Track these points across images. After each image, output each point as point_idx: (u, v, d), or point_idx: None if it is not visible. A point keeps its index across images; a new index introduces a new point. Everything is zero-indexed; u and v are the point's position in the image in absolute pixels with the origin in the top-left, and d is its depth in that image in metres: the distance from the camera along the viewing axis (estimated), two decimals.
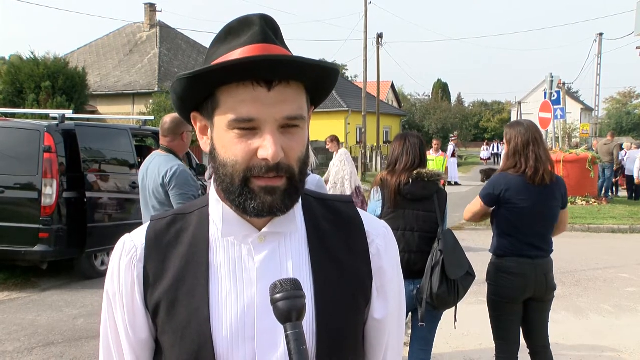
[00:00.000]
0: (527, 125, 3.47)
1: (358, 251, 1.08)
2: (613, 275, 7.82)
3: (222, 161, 0.98)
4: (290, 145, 0.96)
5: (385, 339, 1.13)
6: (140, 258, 1.04)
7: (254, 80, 0.93)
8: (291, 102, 0.96)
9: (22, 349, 5.01)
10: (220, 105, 0.96)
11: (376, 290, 1.09)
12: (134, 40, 30.38)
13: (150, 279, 1.03)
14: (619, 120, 64.99)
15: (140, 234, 1.07)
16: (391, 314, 1.12)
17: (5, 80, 18.63)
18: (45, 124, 7.21)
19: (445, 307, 3.32)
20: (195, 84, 0.96)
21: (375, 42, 29.93)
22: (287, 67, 0.94)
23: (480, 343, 4.92)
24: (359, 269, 1.07)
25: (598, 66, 27.69)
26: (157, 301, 1.01)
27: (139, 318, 1.04)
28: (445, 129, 40.38)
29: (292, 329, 0.89)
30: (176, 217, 1.08)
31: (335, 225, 1.09)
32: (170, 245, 1.04)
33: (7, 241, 6.95)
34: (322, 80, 1.02)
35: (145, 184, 3.95)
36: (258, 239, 1.02)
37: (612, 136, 18.04)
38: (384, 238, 1.12)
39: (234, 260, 1.02)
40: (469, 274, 3.32)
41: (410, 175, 3.32)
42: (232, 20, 1.01)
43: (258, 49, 0.96)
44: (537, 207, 3.33)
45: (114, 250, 1.08)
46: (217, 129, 0.98)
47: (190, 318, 0.99)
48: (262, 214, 0.97)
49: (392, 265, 1.12)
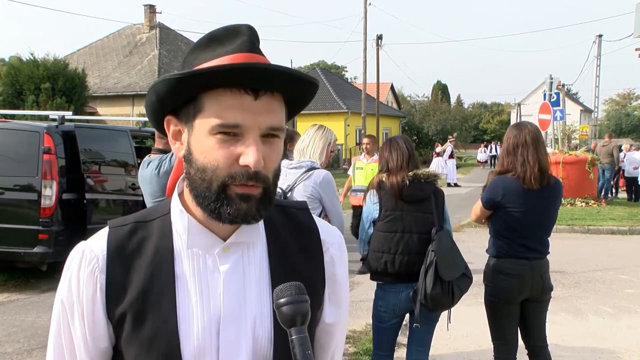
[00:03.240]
0: (523, 127, 3.40)
1: (313, 259, 1.11)
2: (612, 277, 7.82)
3: (201, 166, 0.97)
4: (269, 156, 0.97)
5: (335, 341, 1.18)
6: (103, 268, 1.01)
7: (242, 87, 0.94)
8: (275, 112, 0.97)
9: (21, 351, 5.01)
10: (204, 109, 0.96)
11: (328, 296, 1.13)
12: (133, 42, 30.40)
13: (113, 290, 1.01)
14: (618, 122, 65.06)
15: (99, 242, 1.04)
16: (340, 318, 1.17)
17: (5, 81, 18.65)
18: (45, 125, 7.21)
19: (440, 309, 3.32)
20: (182, 86, 0.95)
21: (375, 43, 29.97)
22: (275, 78, 0.95)
23: (479, 344, 4.92)
24: (314, 277, 1.10)
25: (597, 68, 27.73)
26: (122, 312, 1.00)
27: (100, 328, 1.02)
28: (444, 130, 40.33)
29: (297, 333, 0.90)
30: (137, 225, 1.06)
31: (293, 233, 1.11)
32: (133, 255, 1.03)
33: (7, 242, 6.94)
34: (303, 94, 1.03)
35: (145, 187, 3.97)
36: (222, 249, 1.02)
37: (610, 137, 18.10)
38: (338, 246, 1.16)
39: (199, 271, 1.02)
40: (466, 275, 3.31)
41: (406, 176, 3.31)
42: (216, 29, 1.02)
43: (246, 58, 0.96)
44: (535, 210, 3.32)
45: (70, 257, 1.05)
46: (198, 133, 0.97)
47: (157, 330, 0.99)
48: (237, 221, 0.97)
49: (343, 272, 1.17)
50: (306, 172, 3.49)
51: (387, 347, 3.48)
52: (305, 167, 3.52)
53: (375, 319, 3.48)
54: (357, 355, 4.76)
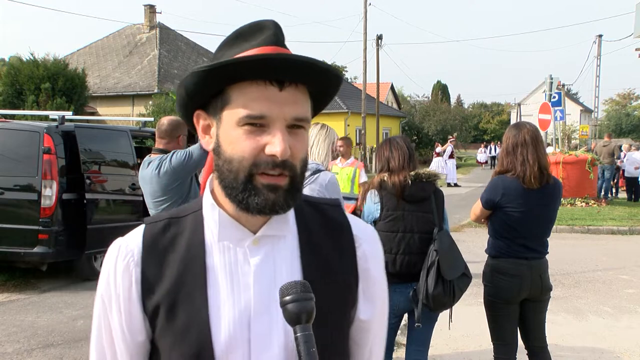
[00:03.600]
0: (522, 127, 3.42)
1: (346, 255, 1.11)
2: (612, 277, 7.82)
3: (229, 157, 0.99)
4: (296, 146, 0.98)
5: (371, 338, 1.17)
6: (138, 262, 1.04)
7: (267, 79, 0.96)
8: (300, 103, 0.99)
9: (21, 351, 5.01)
10: (231, 101, 0.98)
11: (362, 292, 1.12)
12: (133, 42, 30.40)
13: (148, 282, 1.03)
14: (618, 122, 65.05)
15: (135, 238, 1.07)
16: (376, 315, 1.16)
17: (5, 81, 18.66)
18: (45, 126, 7.21)
19: (441, 308, 3.32)
20: (209, 78, 0.97)
21: (375, 43, 29.97)
22: (299, 69, 0.97)
23: (479, 344, 4.92)
24: (346, 272, 1.09)
25: (597, 68, 27.69)
26: (156, 305, 1.02)
27: (136, 321, 1.04)
28: (444, 130, 40.31)
29: (302, 331, 0.90)
30: (170, 220, 1.08)
31: (325, 228, 1.11)
32: (167, 249, 1.05)
33: (7, 242, 6.95)
34: (327, 87, 1.05)
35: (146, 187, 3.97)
36: (253, 242, 1.04)
37: (609, 137, 18.17)
38: (372, 243, 1.15)
39: (230, 264, 1.03)
40: (465, 275, 3.31)
41: (408, 175, 3.31)
42: (242, 25, 1.04)
43: (270, 51, 0.98)
44: (534, 210, 3.33)
45: (108, 253, 1.08)
46: (225, 125, 0.99)
47: (190, 322, 1.00)
48: (265, 211, 0.98)
49: (377, 268, 1.15)
50: (312, 175, 3.42)
51: (387, 347, 3.48)
52: (311, 170, 3.44)
53: None
54: None
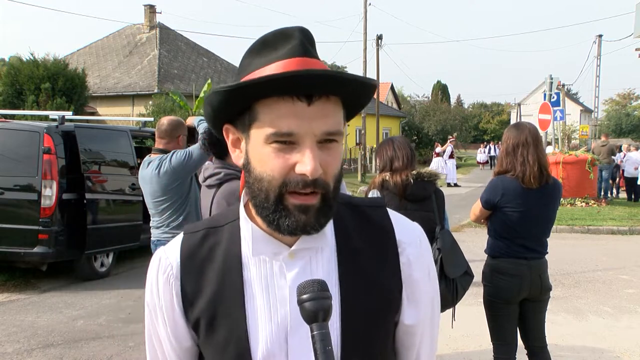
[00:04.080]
0: (522, 127, 3.44)
1: (388, 261, 1.07)
2: (612, 277, 7.82)
3: (258, 176, 0.96)
4: (328, 161, 0.95)
5: (417, 342, 1.14)
6: (177, 275, 1.05)
7: (294, 95, 0.92)
8: (330, 117, 0.95)
9: (21, 351, 5.01)
10: (259, 118, 0.95)
11: (406, 298, 1.09)
12: (133, 42, 30.39)
13: (188, 296, 1.05)
14: (618, 122, 65.04)
15: (174, 249, 1.08)
16: (422, 318, 1.12)
17: (5, 81, 18.65)
18: (45, 126, 7.22)
19: (444, 307, 3.31)
20: (233, 97, 0.95)
21: (375, 43, 29.94)
22: (327, 82, 0.93)
23: (479, 344, 4.92)
24: (388, 280, 1.07)
25: (597, 68, 27.71)
26: (197, 318, 1.04)
27: (181, 329, 1.06)
28: (444, 130, 40.31)
29: (319, 329, 0.90)
30: (209, 231, 1.08)
31: (365, 234, 1.08)
32: (204, 262, 1.05)
33: (7, 242, 6.95)
34: (359, 95, 1.01)
35: (146, 187, 3.97)
36: (289, 255, 1.02)
37: (606, 137, 18.27)
38: (416, 246, 1.11)
39: (266, 278, 1.03)
40: (467, 273, 3.32)
41: (410, 175, 3.32)
42: (267, 33, 1.00)
43: (298, 63, 0.95)
44: (533, 210, 3.33)
45: (151, 264, 1.10)
46: (254, 142, 0.97)
47: (229, 337, 1.01)
48: (296, 232, 0.97)
49: (423, 272, 1.11)
50: None
51: None
52: None
53: None
54: None
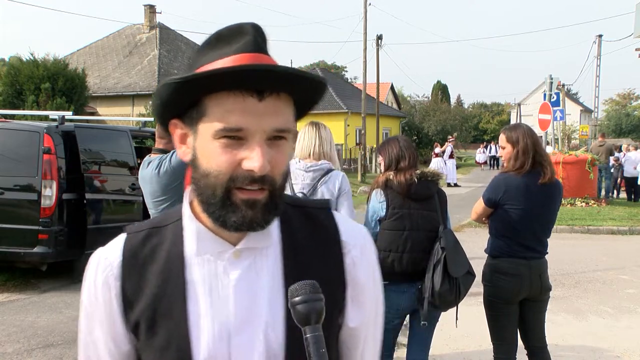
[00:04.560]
0: (525, 127, 3.53)
1: (333, 262, 1.07)
2: (612, 277, 7.82)
3: (205, 171, 0.95)
4: (276, 158, 0.94)
5: (361, 345, 1.14)
6: (117, 276, 1.02)
7: (245, 90, 0.91)
8: (281, 114, 0.94)
9: (21, 351, 5.01)
10: (207, 113, 0.93)
11: (351, 299, 1.09)
12: (133, 42, 30.40)
13: (128, 297, 1.01)
14: (618, 122, 65.06)
15: (115, 249, 1.04)
16: (366, 321, 1.12)
17: (5, 81, 18.66)
18: (45, 126, 7.22)
19: (447, 307, 3.32)
20: (183, 90, 0.93)
21: (375, 43, 29.95)
22: (280, 78, 0.92)
23: (479, 344, 4.92)
24: (333, 280, 1.06)
25: (597, 68, 27.72)
26: (137, 319, 1.01)
27: (119, 332, 1.03)
28: (444, 130, 40.30)
29: (312, 332, 0.90)
30: (152, 231, 1.05)
31: (311, 235, 1.07)
32: (146, 262, 1.02)
33: (7, 243, 6.95)
34: (311, 93, 1.00)
35: (146, 187, 3.98)
36: (233, 255, 1.00)
37: (603, 136, 18.35)
38: (361, 248, 1.10)
39: (210, 278, 1.00)
40: (470, 273, 3.33)
41: (414, 174, 3.33)
42: (222, 28, 0.99)
43: (250, 58, 0.93)
44: (535, 209, 3.34)
45: (89, 265, 1.06)
46: (202, 137, 0.95)
47: (169, 338, 0.99)
48: (242, 228, 0.95)
49: (368, 273, 1.12)
50: (325, 175, 3.48)
51: (387, 348, 3.47)
52: (324, 170, 3.49)
53: None
54: None
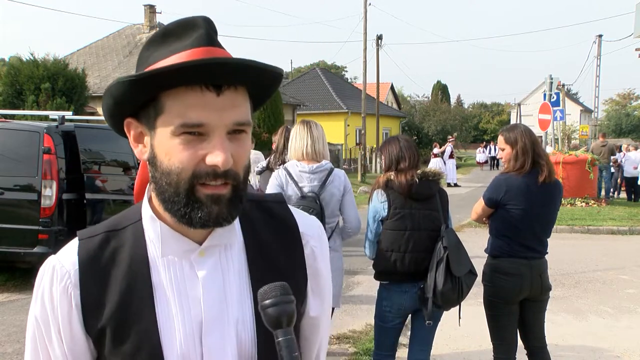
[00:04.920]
0: (524, 127, 3.53)
1: (294, 254, 1.08)
2: (612, 277, 7.82)
3: (166, 169, 0.93)
4: (238, 152, 0.93)
5: (320, 334, 1.16)
6: (76, 283, 0.97)
7: (203, 84, 0.90)
8: (239, 107, 0.93)
9: (21, 351, 5.00)
10: (165, 110, 0.91)
11: (311, 290, 1.11)
12: (133, 42, 30.41)
13: (90, 305, 0.97)
14: (618, 122, 65.06)
15: (70, 256, 1.00)
16: (324, 310, 1.16)
17: (5, 81, 18.62)
18: (45, 126, 7.21)
19: (449, 306, 3.32)
20: (138, 88, 0.90)
21: (375, 43, 29.94)
22: (238, 71, 0.91)
23: (480, 344, 4.92)
24: (295, 272, 1.07)
25: (597, 68, 27.72)
26: (101, 327, 0.97)
27: (79, 344, 0.98)
28: (444, 130, 40.32)
29: (283, 335, 0.88)
30: (108, 234, 1.02)
31: (271, 228, 1.08)
32: (107, 267, 0.99)
33: (7, 243, 6.94)
34: (268, 85, 1.00)
35: None
36: (199, 253, 0.99)
37: (604, 136, 18.36)
38: (318, 239, 1.12)
39: (177, 279, 0.99)
40: (472, 272, 3.33)
41: (416, 174, 3.33)
42: (170, 23, 0.97)
43: (205, 52, 0.92)
44: (535, 209, 3.35)
45: (41, 274, 1.01)
46: (160, 135, 0.93)
47: (140, 343, 0.96)
48: (208, 224, 0.94)
49: (325, 264, 1.14)
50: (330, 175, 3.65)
51: (389, 348, 3.47)
52: (327, 170, 3.67)
53: (378, 319, 3.47)
54: (357, 355, 4.75)
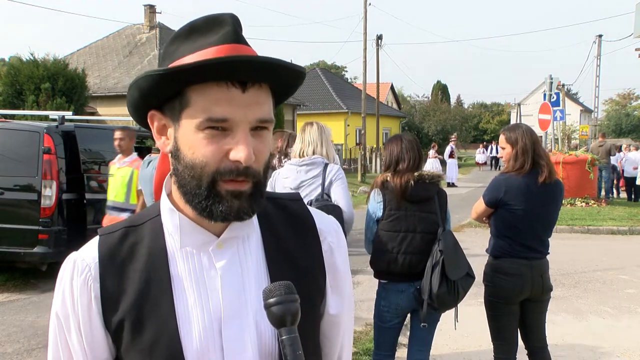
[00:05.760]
0: (525, 126, 3.52)
1: (311, 249, 1.08)
2: (612, 277, 7.82)
3: (189, 162, 0.94)
4: (260, 149, 0.95)
5: (341, 333, 1.15)
6: (96, 277, 0.99)
7: (230, 81, 0.91)
8: (263, 104, 0.95)
9: (21, 351, 5.01)
10: (191, 104, 0.93)
11: (330, 286, 1.10)
12: (133, 42, 30.39)
13: (109, 298, 0.98)
14: (618, 122, 65.05)
15: (90, 251, 1.02)
16: (345, 308, 1.14)
17: (5, 81, 18.62)
18: (45, 126, 7.22)
19: (445, 308, 3.32)
20: (166, 82, 0.92)
21: (375, 43, 29.93)
22: (264, 69, 0.93)
23: (479, 344, 4.92)
24: (313, 267, 1.07)
25: (597, 68, 27.72)
26: (120, 320, 0.98)
27: (98, 339, 0.99)
28: (444, 130, 40.34)
29: (287, 333, 0.89)
30: (127, 230, 1.03)
31: (288, 224, 1.09)
32: (126, 261, 1.00)
33: (7, 243, 6.95)
34: (290, 84, 1.01)
35: (146, 186, 3.98)
36: (217, 245, 1.00)
37: (603, 136, 18.37)
38: (335, 235, 1.13)
39: (196, 270, 0.99)
40: (469, 275, 3.32)
41: (412, 177, 3.31)
42: (196, 19, 0.98)
43: (230, 49, 0.93)
44: (536, 209, 3.34)
45: (62, 269, 1.02)
46: (185, 128, 0.94)
47: (158, 334, 0.96)
48: (229, 218, 0.95)
49: (343, 261, 1.14)
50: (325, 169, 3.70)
51: (388, 347, 3.47)
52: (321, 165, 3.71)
53: (377, 319, 3.47)
54: (357, 355, 4.75)
